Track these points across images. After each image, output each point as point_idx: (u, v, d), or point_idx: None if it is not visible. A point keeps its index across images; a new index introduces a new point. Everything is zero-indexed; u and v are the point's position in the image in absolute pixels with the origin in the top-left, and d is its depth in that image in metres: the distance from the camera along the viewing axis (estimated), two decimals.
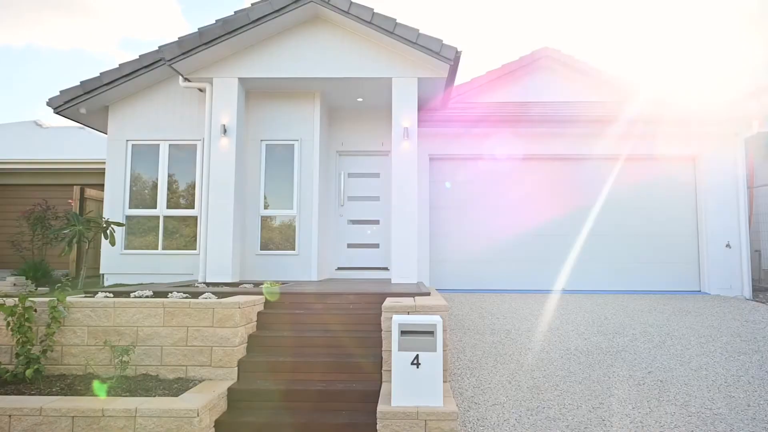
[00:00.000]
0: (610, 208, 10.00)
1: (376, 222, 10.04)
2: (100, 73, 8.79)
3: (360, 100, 9.52)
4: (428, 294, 6.09)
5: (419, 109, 9.58)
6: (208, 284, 7.81)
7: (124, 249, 9.17)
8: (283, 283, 8.04)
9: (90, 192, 11.16)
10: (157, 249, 9.16)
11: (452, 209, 10.08)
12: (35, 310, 5.20)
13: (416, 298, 5.83)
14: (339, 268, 9.99)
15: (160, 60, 8.56)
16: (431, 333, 4.33)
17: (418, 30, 7.92)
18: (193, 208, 9.17)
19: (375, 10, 7.95)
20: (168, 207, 9.21)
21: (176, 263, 9.13)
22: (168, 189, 9.23)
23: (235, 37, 8.09)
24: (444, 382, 5.00)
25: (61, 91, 8.85)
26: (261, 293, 6.24)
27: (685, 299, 8.89)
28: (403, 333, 4.33)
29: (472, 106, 10.41)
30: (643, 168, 10.11)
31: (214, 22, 8.40)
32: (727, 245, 9.62)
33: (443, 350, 5.04)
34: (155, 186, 9.24)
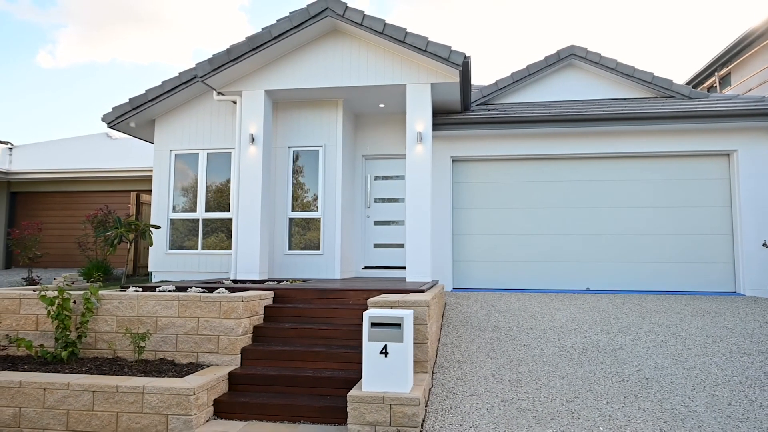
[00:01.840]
0: (640, 207, 9.85)
1: (402, 222, 10.40)
2: (146, 90, 9.74)
3: (382, 106, 9.94)
4: (423, 291, 6.40)
5: (439, 113, 9.90)
6: (235, 281, 8.51)
7: (169, 249, 10.10)
8: (304, 281, 8.61)
9: (145, 197, 12.27)
10: (197, 249, 10.02)
11: (475, 210, 10.28)
12: (74, 302, 6.02)
13: (411, 294, 6.17)
14: (365, 267, 10.46)
15: (195, 77, 9.38)
16: (398, 325, 4.68)
17: (427, 38, 8.24)
18: (228, 211, 9.95)
19: (386, 21, 8.35)
20: (206, 210, 10.05)
21: (214, 262, 9.95)
22: (206, 194, 10.07)
23: (259, 52, 8.74)
24: (425, 372, 5.34)
25: (113, 108, 9.90)
26: (274, 289, 6.82)
27: (713, 300, 8.63)
28: (373, 325, 4.71)
29: (493, 108, 10.57)
30: (674, 165, 9.88)
31: (243, 39, 9.10)
32: (764, 244, 9.22)
33: (426, 341, 5.38)
34: (195, 191, 10.10)
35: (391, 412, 4.50)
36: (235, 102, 9.72)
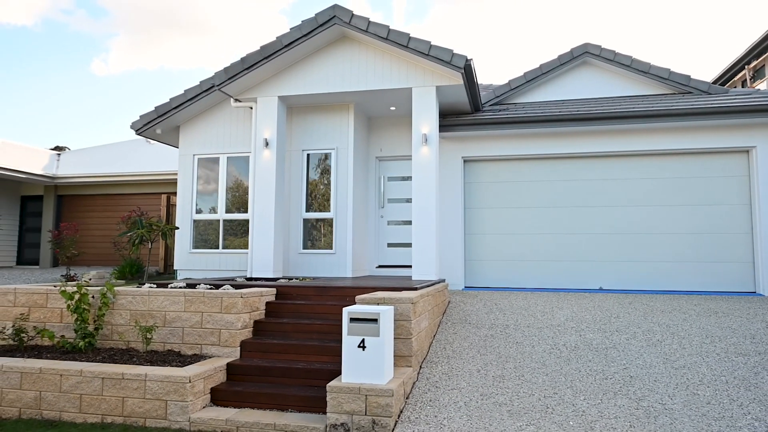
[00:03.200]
0: (656, 206, 9.70)
1: None
2: (170, 99, 10.32)
3: (393, 108, 10.19)
4: (416, 289, 6.61)
5: (449, 114, 10.07)
6: (249, 279, 8.94)
7: (193, 249, 10.66)
8: (314, 279, 8.96)
9: (174, 199, 12.95)
10: (218, 249, 10.54)
11: (487, 209, 10.38)
12: (92, 297, 6.56)
13: (403, 291, 6.41)
14: (379, 266, 10.73)
15: (213, 85, 9.87)
16: (375, 321, 4.93)
17: (430, 42, 8.43)
18: (246, 212, 10.42)
19: (390, 27, 8.59)
20: (226, 212, 10.56)
21: (234, 261, 10.44)
22: (226, 196, 10.58)
23: (271, 60, 9.14)
24: (408, 366, 5.57)
25: (140, 116, 10.53)
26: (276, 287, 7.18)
27: (726, 301, 8.45)
28: (351, 320, 4.98)
29: (505, 108, 10.63)
30: (691, 163, 9.68)
31: (257, 48, 9.51)
32: None
33: (410, 337, 5.60)
34: (216, 194, 10.63)
35: (366, 402, 4.75)
36: (251, 108, 10.18)
